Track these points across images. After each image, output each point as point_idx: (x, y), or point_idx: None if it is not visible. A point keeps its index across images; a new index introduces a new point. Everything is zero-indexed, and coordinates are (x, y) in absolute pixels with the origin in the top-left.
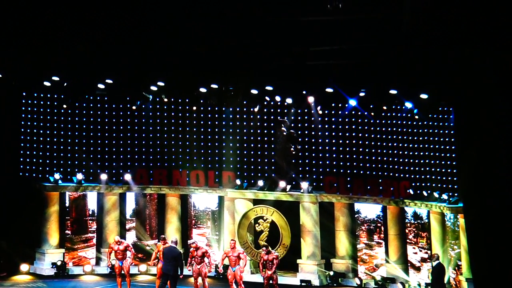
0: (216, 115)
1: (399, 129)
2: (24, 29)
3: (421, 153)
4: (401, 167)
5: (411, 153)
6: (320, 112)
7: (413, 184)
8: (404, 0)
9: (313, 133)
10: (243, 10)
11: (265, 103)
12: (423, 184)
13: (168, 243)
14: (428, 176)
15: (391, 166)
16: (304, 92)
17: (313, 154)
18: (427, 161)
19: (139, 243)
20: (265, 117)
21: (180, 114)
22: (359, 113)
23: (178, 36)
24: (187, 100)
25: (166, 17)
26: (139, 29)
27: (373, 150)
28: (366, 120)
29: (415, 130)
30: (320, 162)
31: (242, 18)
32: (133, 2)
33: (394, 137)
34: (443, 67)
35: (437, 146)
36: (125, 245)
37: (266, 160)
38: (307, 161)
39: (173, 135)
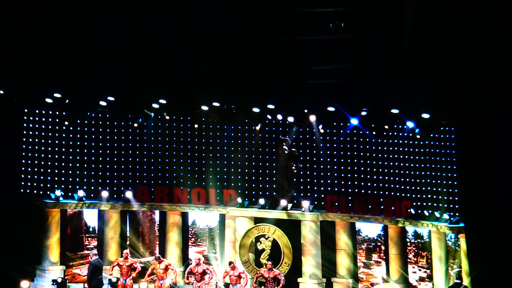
0: (218, 133)
1: (401, 149)
2: (25, 46)
3: (423, 173)
4: (403, 187)
5: (412, 173)
6: (322, 131)
7: (415, 203)
8: (405, 19)
9: (314, 151)
10: (245, 28)
11: (267, 121)
12: (424, 204)
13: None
14: (429, 196)
15: (392, 186)
16: (305, 110)
17: (315, 173)
18: (428, 180)
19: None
20: (267, 136)
21: (181, 132)
22: (361, 132)
23: (180, 54)
24: (188, 118)
25: (168, 35)
26: (141, 47)
27: (374, 169)
28: (367, 139)
29: (416, 150)
30: (322, 181)
31: (244, 36)
32: (135, 19)
33: (396, 156)
34: (444, 86)
35: (438, 166)
36: (131, 262)
37: (267, 179)
38: (308, 179)
39: (174, 152)
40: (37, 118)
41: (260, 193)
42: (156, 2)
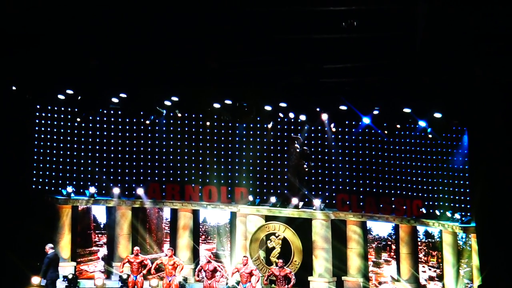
0: (230, 131)
1: (412, 148)
2: (38, 43)
3: (434, 172)
4: (414, 186)
5: (424, 172)
6: (334, 129)
7: (426, 203)
8: (418, 17)
9: (326, 150)
10: (258, 27)
11: (279, 119)
12: (435, 203)
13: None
14: (441, 195)
15: (403, 185)
16: (317, 109)
17: (326, 172)
18: (440, 180)
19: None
20: (279, 134)
21: (193, 130)
22: (373, 131)
23: (192, 52)
24: (200, 116)
25: (180, 33)
26: (154, 44)
27: (386, 169)
28: (379, 138)
29: (428, 149)
30: (333, 180)
31: (256, 35)
32: (147, 17)
33: (407, 155)
34: (457, 86)
35: (450, 166)
36: (142, 259)
37: (279, 177)
38: (319, 178)
39: (186, 150)
40: (49, 115)
41: (272, 191)
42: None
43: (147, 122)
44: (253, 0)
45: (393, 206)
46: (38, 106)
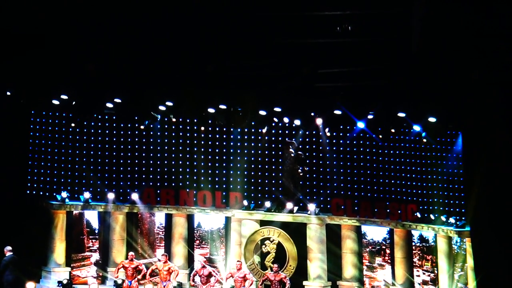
0: (224, 136)
1: (407, 152)
2: (33, 47)
3: (429, 177)
4: (409, 190)
5: (418, 176)
6: (328, 134)
7: (421, 207)
8: (413, 22)
9: (321, 155)
10: (252, 31)
11: (273, 124)
12: (430, 208)
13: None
14: (435, 200)
15: (398, 189)
16: (312, 114)
17: (321, 176)
18: (434, 184)
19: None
20: (273, 138)
21: (188, 134)
22: (367, 135)
23: (187, 56)
24: (195, 120)
25: (175, 37)
26: (148, 49)
27: (380, 173)
28: (374, 143)
29: (423, 154)
30: (328, 184)
31: (251, 39)
32: (142, 21)
33: (402, 160)
34: (452, 90)
35: (444, 170)
36: (136, 264)
37: (273, 182)
38: (314, 183)
39: (180, 155)
40: (44, 120)
41: (266, 196)
42: (165, 4)
43: (142, 127)
44: (248, 5)
45: (388, 210)
46: (32, 112)
